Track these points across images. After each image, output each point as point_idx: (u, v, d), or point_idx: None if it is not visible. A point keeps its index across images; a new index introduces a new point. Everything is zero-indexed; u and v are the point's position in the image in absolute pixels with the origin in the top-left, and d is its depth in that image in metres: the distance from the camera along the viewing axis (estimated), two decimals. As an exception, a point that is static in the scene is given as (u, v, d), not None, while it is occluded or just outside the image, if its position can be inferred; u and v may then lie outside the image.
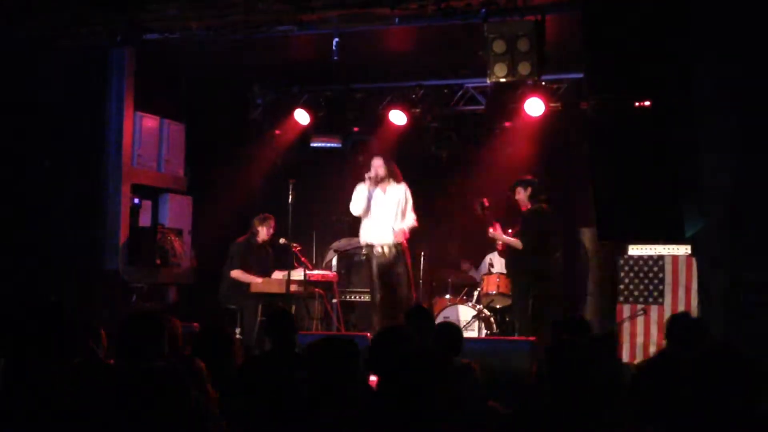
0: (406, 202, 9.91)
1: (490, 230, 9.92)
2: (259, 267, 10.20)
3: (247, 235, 10.27)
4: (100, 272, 9.90)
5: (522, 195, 9.82)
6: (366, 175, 9.79)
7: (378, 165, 9.81)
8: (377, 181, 9.78)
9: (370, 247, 9.82)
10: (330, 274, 10.61)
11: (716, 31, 6.96)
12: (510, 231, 9.97)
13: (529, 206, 9.79)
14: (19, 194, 9.62)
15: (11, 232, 9.44)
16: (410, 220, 9.92)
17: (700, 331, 5.31)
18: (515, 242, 9.78)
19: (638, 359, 10.17)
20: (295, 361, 5.17)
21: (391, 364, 3.76)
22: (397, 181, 9.91)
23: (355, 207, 9.90)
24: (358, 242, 10.90)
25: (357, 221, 12.03)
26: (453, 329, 6.20)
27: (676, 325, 5.46)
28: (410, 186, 10.62)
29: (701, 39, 6.71)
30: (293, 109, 11.47)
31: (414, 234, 10.07)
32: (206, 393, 3.97)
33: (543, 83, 10.15)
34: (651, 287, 9.76)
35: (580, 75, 8.94)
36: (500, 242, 10.23)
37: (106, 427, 3.47)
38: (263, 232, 10.21)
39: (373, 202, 9.79)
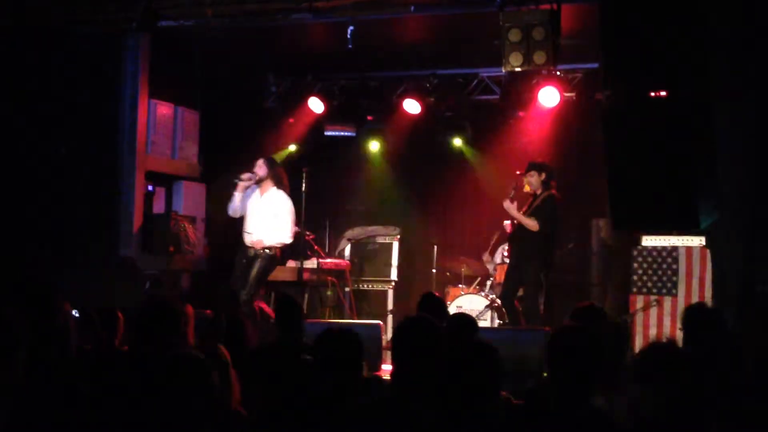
0: (277, 215, 9.44)
1: (506, 203, 9.54)
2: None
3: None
4: (114, 259, 9.93)
5: (536, 178, 9.58)
6: (240, 176, 9.54)
7: (258, 165, 9.58)
8: (256, 182, 9.51)
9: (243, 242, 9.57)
10: (343, 262, 10.62)
11: (735, 20, 6.92)
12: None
13: (541, 190, 9.63)
14: (33, 180, 9.65)
15: (26, 218, 9.47)
16: (281, 234, 9.48)
17: (717, 323, 5.29)
18: (531, 223, 9.41)
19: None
20: (303, 350, 5.18)
21: (419, 352, 3.78)
22: (278, 186, 9.54)
23: (231, 207, 9.67)
24: (372, 231, 10.90)
25: (370, 210, 12.07)
26: (468, 319, 6.18)
27: (693, 317, 5.43)
28: (422, 175, 10.49)
29: (719, 28, 6.66)
30: (307, 98, 11.45)
31: (427, 223, 9.91)
32: (230, 381, 3.99)
33: (558, 73, 10.11)
34: (665, 278, 9.72)
35: (596, 64, 8.88)
36: (509, 224, 9.92)
37: (125, 414, 3.49)
38: None
39: (248, 203, 9.54)
